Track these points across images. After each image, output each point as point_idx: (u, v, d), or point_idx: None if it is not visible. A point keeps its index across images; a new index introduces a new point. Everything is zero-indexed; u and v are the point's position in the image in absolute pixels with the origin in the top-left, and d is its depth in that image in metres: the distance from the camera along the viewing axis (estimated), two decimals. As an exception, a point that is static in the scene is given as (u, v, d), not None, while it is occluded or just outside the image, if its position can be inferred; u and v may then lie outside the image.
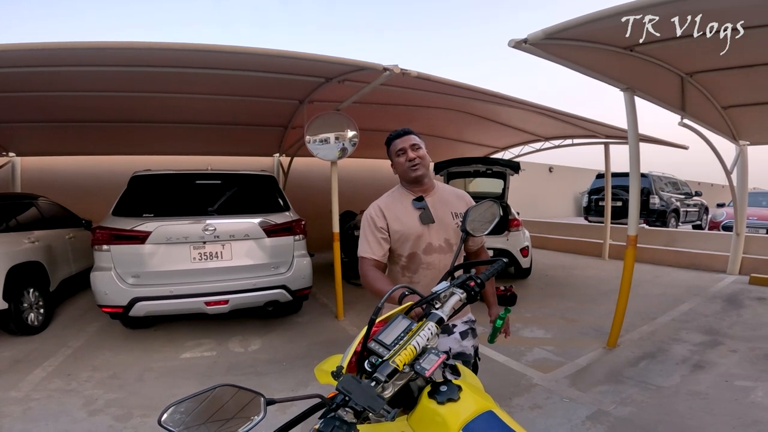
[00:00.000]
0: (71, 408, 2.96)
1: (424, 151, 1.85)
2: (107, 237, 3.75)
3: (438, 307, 1.21)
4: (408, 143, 1.81)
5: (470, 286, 1.29)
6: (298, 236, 4.31)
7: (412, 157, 1.80)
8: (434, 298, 1.23)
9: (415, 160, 1.80)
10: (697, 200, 13.86)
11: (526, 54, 3.28)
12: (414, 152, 1.81)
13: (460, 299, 1.24)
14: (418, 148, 1.82)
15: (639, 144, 3.87)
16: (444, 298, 1.23)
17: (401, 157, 1.82)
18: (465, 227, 1.59)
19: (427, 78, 4.04)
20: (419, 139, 1.85)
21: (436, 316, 1.14)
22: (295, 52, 3.67)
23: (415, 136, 1.85)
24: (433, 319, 1.12)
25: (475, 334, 1.95)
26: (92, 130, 6.90)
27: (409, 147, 1.81)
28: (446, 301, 1.22)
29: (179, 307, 3.89)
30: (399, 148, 1.82)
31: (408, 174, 1.82)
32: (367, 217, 1.87)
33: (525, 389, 3.22)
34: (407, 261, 1.85)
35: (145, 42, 3.42)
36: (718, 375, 3.43)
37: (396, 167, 1.87)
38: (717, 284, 6.60)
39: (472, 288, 1.29)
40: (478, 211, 1.66)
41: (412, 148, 1.81)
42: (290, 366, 3.67)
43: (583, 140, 8.75)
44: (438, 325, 1.11)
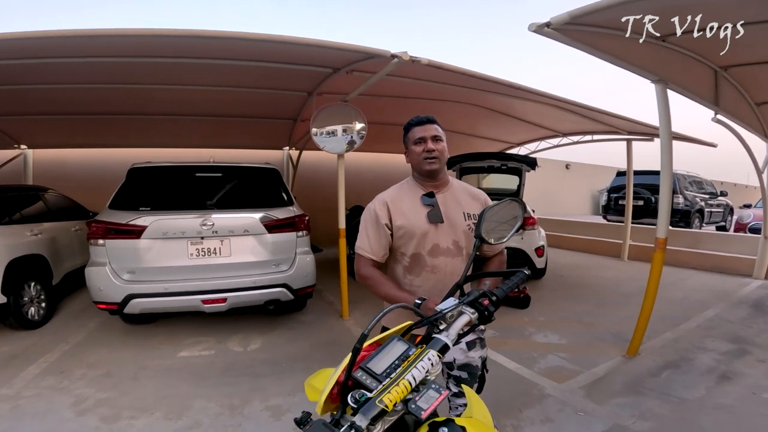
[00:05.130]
0: (60, 407, 2.88)
1: (445, 144, 1.66)
2: (102, 231, 3.64)
3: (443, 328, 1.00)
4: (429, 133, 1.63)
5: (483, 305, 1.08)
6: (301, 232, 4.14)
7: (431, 148, 1.62)
8: (439, 318, 1.02)
9: (434, 153, 1.62)
10: (722, 200, 13.36)
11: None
12: (434, 143, 1.62)
13: (470, 320, 1.04)
14: (438, 140, 1.64)
15: (672, 140, 3.59)
16: (450, 318, 1.02)
17: (419, 146, 1.64)
18: (480, 232, 1.36)
19: (438, 66, 3.83)
20: (442, 131, 1.67)
21: (439, 343, 0.94)
22: (301, 38, 3.49)
23: (438, 126, 1.67)
24: (435, 347, 0.92)
25: (484, 344, 1.76)
26: (104, 122, 6.90)
27: (429, 137, 1.63)
28: (453, 322, 1.02)
29: (175, 305, 3.76)
30: (419, 136, 1.64)
31: (422, 166, 1.64)
32: (369, 211, 1.70)
33: (536, 400, 3.00)
34: (410, 262, 1.67)
35: (152, 29, 3.28)
36: (745, 387, 3.21)
37: (410, 156, 1.69)
38: (743, 289, 6.29)
39: (486, 307, 1.08)
40: (496, 212, 1.44)
41: (433, 140, 1.63)
42: (289, 368, 3.52)
43: (603, 136, 8.43)
44: (441, 354, 0.91)
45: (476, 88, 5.36)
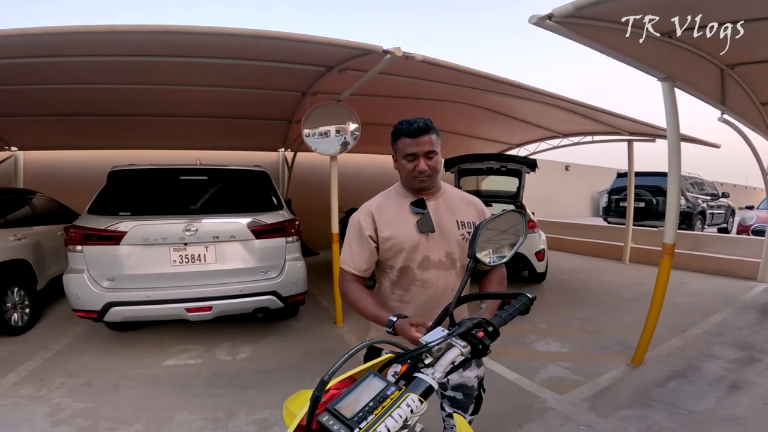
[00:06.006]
0: (35, 417, 2.77)
1: (439, 156, 1.46)
2: (80, 237, 3.49)
3: (428, 363, 0.84)
4: (422, 149, 1.41)
5: (477, 337, 0.91)
6: (291, 238, 3.97)
7: (423, 170, 1.42)
8: (423, 351, 0.86)
9: (426, 172, 1.43)
10: (724, 202, 13.22)
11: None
12: (427, 161, 1.42)
13: (460, 354, 0.87)
14: (433, 155, 1.43)
15: (680, 141, 3.44)
16: (438, 351, 0.86)
17: (410, 163, 1.43)
18: (473, 251, 1.17)
19: (434, 63, 3.68)
20: (437, 137, 1.45)
21: (422, 384, 0.77)
22: (291, 33, 3.37)
23: (434, 135, 1.44)
24: (417, 390, 0.76)
25: (480, 363, 1.58)
26: (95, 123, 6.79)
27: (423, 155, 1.41)
28: (441, 356, 0.86)
29: (157, 313, 3.61)
30: (410, 152, 1.42)
31: (412, 184, 1.47)
32: (354, 222, 1.53)
33: (537, 414, 2.84)
34: (398, 275, 1.50)
35: (135, 25, 3.19)
36: (756, 397, 3.07)
37: (399, 169, 1.49)
38: (748, 293, 6.15)
39: (480, 340, 0.91)
40: (493, 227, 1.24)
41: (426, 156, 1.42)
42: (278, 378, 3.36)
43: (604, 137, 8.31)
44: (423, 398, 0.75)
45: (474, 87, 5.22)
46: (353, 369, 0.86)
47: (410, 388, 0.76)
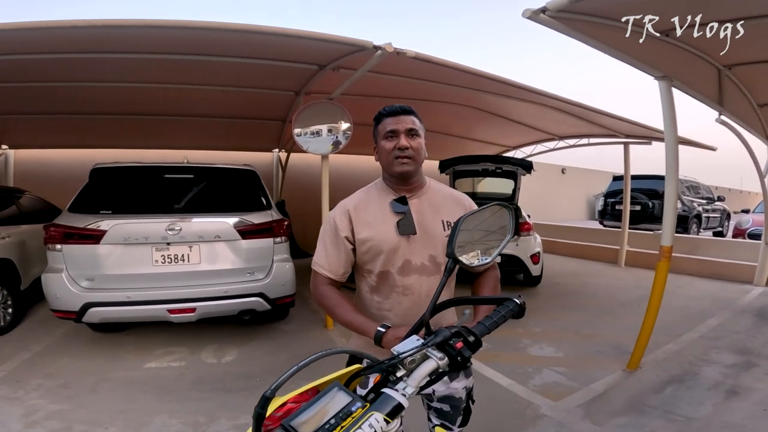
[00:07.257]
0: (9, 418, 2.70)
1: (422, 141, 1.34)
2: (59, 236, 3.38)
3: (399, 376, 0.73)
4: (403, 126, 1.30)
5: (456, 348, 0.80)
6: (279, 238, 3.86)
7: (404, 145, 1.29)
8: (395, 363, 0.75)
9: (407, 151, 1.30)
10: (719, 206, 13.23)
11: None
12: (408, 139, 1.30)
13: (437, 367, 0.76)
14: (415, 134, 1.32)
15: (678, 142, 3.37)
16: (411, 364, 0.75)
17: (390, 142, 1.31)
18: (452, 249, 1.05)
19: (427, 60, 3.60)
20: (420, 123, 1.35)
21: (389, 402, 0.66)
22: (281, 28, 3.28)
23: (416, 118, 1.34)
24: (382, 409, 0.65)
25: (469, 373, 1.45)
26: (86, 122, 6.70)
27: (403, 131, 1.30)
28: (414, 369, 0.74)
29: (138, 315, 3.50)
30: (390, 129, 1.31)
31: (393, 167, 1.33)
32: (329, 221, 1.41)
33: (530, 421, 2.75)
34: (377, 281, 1.38)
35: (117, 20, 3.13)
36: (754, 403, 2.99)
37: (379, 154, 1.37)
38: (745, 296, 6.09)
39: (459, 352, 0.80)
40: (477, 222, 1.13)
41: (408, 134, 1.31)
42: (263, 383, 3.25)
43: (600, 140, 8.28)
44: (390, 418, 0.65)
45: (469, 87, 5.16)
46: (318, 380, 0.76)
47: (375, 405, 0.66)
